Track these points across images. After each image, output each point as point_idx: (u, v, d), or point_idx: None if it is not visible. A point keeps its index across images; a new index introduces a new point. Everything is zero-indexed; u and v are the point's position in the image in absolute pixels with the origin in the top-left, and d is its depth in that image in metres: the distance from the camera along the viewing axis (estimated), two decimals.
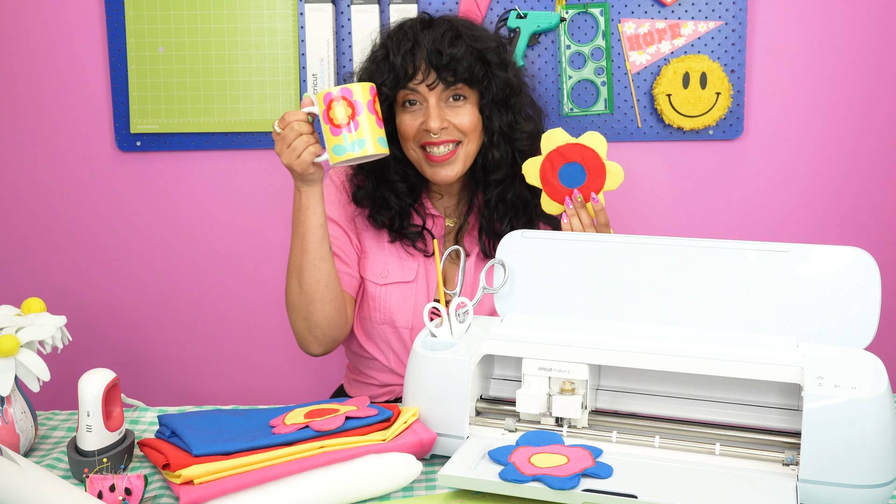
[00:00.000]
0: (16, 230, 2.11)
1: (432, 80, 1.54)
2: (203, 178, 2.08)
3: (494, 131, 1.60)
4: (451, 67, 1.54)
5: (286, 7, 1.99)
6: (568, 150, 1.52)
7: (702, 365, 1.18)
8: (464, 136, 1.57)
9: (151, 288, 2.12)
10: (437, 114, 1.55)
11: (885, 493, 1.07)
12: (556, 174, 1.52)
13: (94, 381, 1.20)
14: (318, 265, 1.51)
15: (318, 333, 1.57)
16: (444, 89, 1.56)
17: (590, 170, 1.52)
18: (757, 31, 2.01)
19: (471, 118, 1.58)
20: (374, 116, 1.36)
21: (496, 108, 1.60)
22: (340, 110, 1.34)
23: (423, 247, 1.64)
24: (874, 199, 2.08)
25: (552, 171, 1.53)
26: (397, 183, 1.62)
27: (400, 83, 1.56)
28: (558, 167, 1.52)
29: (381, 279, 1.63)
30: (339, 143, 1.35)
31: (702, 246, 1.30)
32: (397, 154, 1.60)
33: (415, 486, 1.16)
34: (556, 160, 1.52)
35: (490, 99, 1.59)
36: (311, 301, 1.53)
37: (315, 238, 1.49)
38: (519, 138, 1.62)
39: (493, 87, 1.59)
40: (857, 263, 1.22)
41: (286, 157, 1.40)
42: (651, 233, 2.03)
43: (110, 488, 1.08)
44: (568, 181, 1.53)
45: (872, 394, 1.06)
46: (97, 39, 2.03)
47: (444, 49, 1.53)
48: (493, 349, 1.26)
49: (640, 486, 1.08)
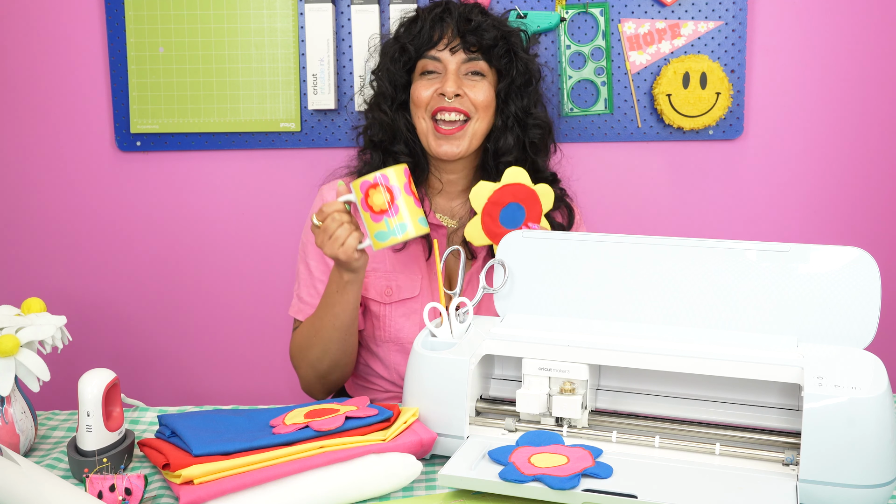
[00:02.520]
0: (16, 230, 2.11)
1: (456, 45, 1.57)
2: (203, 178, 2.08)
3: (510, 115, 1.61)
4: (478, 35, 1.57)
5: (286, 7, 1.99)
6: (499, 195, 1.54)
7: (702, 365, 1.18)
8: (475, 111, 1.58)
9: (151, 288, 2.12)
10: (455, 80, 1.57)
11: (885, 493, 1.07)
12: (498, 223, 1.54)
13: (94, 381, 1.20)
14: (348, 339, 1.54)
15: (329, 385, 1.61)
16: (466, 60, 1.58)
17: (525, 203, 1.54)
18: (757, 31, 2.01)
19: (485, 95, 1.58)
20: (412, 198, 1.38)
21: (513, 92, 1.61)
22: (379, 197, 1.35)
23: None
24: (874, 199, 2.08)
25: (494, 221, 1.54)
26: (402, 156, 1.62)
27: (424, 47, 1.58)
28: (497, 215, 1.54)
29: (385, 298, 1.61)
30: (381, 230, 1.36)
31: (702, 246, 1.30)
32: (409, 124, 1.62)
33: (415, 486, 1.17)
34: (494, 210, 1.54)
35: (508, 82, 1.60)
36: (333, 365, 1.57)
37: (350, 318, 1.50)
38: (532, 125, 1.62)
39: (513, 70, 1.61)
40: (857, 263, 1.22)
41: (329, 247, 1.39)
42: (651, 233, 2.03)
43: (110, 488, 1.08)
44: (511, 223, 1.55)
45: (872, 394, 1.07)
46: (97, 39, 2.03)
47: (473, 17, 1.58)
48: (493, 349, 1.26)
49: (640, 486, 1.08)
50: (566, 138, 2.03)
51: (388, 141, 1.63)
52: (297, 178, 2.06)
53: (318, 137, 2.03)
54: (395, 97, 1.62)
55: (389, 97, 1.63)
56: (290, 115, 2.02)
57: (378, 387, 1.69)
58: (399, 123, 1.61)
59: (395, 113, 1.62)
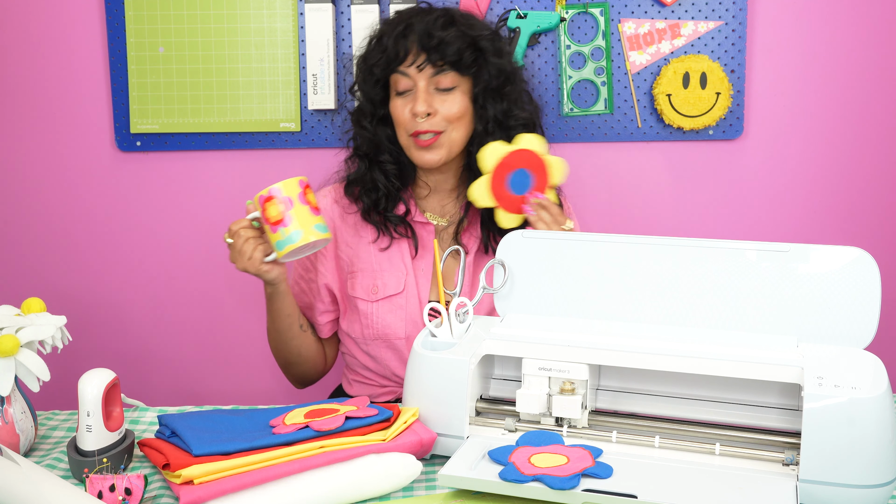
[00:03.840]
0: (16, 230, 2.11)
1: (421, 62, 1.56)
2: (203, 178, 2.08)
3: (489, 119, 1.60)
4: (441, 50, 1.55)
5: (286, 7, 1.99)
6: (511, 159, 1.54)
7: (702, 365, 1.18)
8: (448, 125, 1.58)
9: (151, 288, 2.12)
10: (425, 98, 1.56)
11: (885, 493, 1.07)
12: (505, 186, 1.55)
13: (94, 381, 1.20)
14: (292, 343, 1.67)
15: (297, 377, 1.76)
16: (434, 74, 1.56)
17: (535, 171, 1.55)
18: (757, 31, 2.01)
19: (459, 107, 1.58)
20: (307, 206, 1.44)
21: (490, 96, 1.60)
22: (274, 208, 1.43)
23: (404, 231, 1.65)
24: (874, 200, 2.08)
25: (502, 184, 1.54)
26: (388, 164, 1.64)
27: (391, 65, 1.58)
28: (505, 178, 1.54)
29: (371, 296, 1.63)
30: (279, 239, 1.44)
31: (702, 246, 1.30)
32: (391, 136, 1.64)
33: (415, 486, 1.16)
34: (503, 172, 1.54)
35: (483, 87, 1.59)
36: (287, 363, 1.72)
37: (284, 325, 1.63)
38: (514, 126, 1.61)
39: (484, 74, 1.59)
40: (857, 263, 1.22)
41: (239, 263, 1.49)
42: (651, 233, 2.03)
43: (110, 488, 1.08)
44: (519, 189, 1.55)
45: (872, 394, 1.06)
46: (97, 39, 2.03)
47: (434, 32, 1.55)
48: (493, 349, 1.26)
49: (640, 486, 1.08)
50: (566, 138, 2.03)
51: (372, 153, 1.65)
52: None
53: (318, 137, 2.03)
54: (375, 113, 1.64)
55: (369, 114, 1.65)
56: (290, 115, 2.02)
57: (373, 382, 1.71)
58: (380, 137, 1.64)
59: (375, 127, 1.64)
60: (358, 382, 1.74)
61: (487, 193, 1.55)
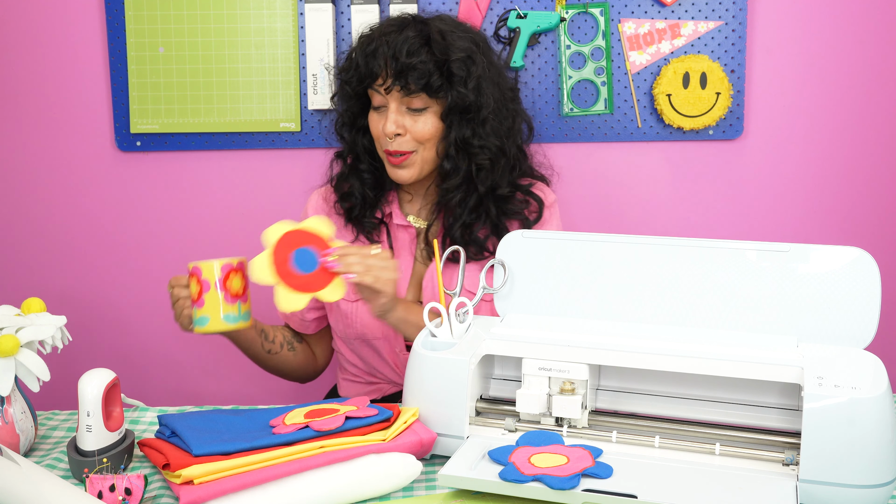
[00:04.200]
0: (16, 230, 2.11)
1: (389, 85, 1.55)
2: (203, 178, 2.08)
3: (451, 142, 1.58)
4: (405, 76, 1.53)
5: (286, 7, 1.99)
6: (294, 237, 1.41)
7: (702, 365, 1.18)
8: (419, 146, 1.57)
9: (151, 288, 2.12)
10: (395, 119, 1.55)
11: (885, 493, 1.07)
12: (291, 265, 1.42)
13: (94, 381, 1.20)
14: (266, 364, 1.71)
15: (291, 381, 1.80)
16: (404, 95, 1.55)
17: (312, 243, 1.42)
18: (757, 31, 2.01)
19: (429, 127, 1.57)
20: (223, 294, 1.39)
21: (456, 120, 1.57)
22: (193, 286, 1.40)
23: (377, 239, 1.66)
24: (874, 200, 2.08)
25: (286, 262, 1.41)
26: (365, 174, 1.65)
27: (364, 83, 1.58)
28: (290, 257, 1.42)
29: (351, 296, 1.62)
30: (195, 316, 1.41)
31: (702, 246, 1.30)
32: (370, 146, 1.65)
33: (415, 486, 1.16)
34: (286, 250, 1.41)
35: (448, 110, 1.57)
36: (268, 371, 1.75)
37: (250, 354, 1.68)
38: (475, 153, 1.58)
39: (453, 99, 1.56)
40: (857, 263, 1.22)
41: (174, 315, 1.50)
42: (651, 233, 2.03)
43: (110, 488, 1.08)
44: (305, 267, 1.42)
45: (872, 394, 1.06)
46: (97, 39, 2.03)
47: (401, 57, 1.52)
48: (493, 349, 1.26)
49: (640, 486, 1.08)
50: (566, 138, 2.03)
51: (353, 159, 1.67)
52: (296, 178, 2.06)
53: (318, 137, 2.03)
54: (354, 123, 1.65)
55: (348, 124, 1.66)
56: (290, 115, 2.02)
57: (360, 379, 1.73)
58: (359, 147, 1.65)
59: (354, 136, 1.65)
60: (347, 381, 1.76)
61: (270, 271, 1.41)
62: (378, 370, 1.69)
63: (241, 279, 1.41)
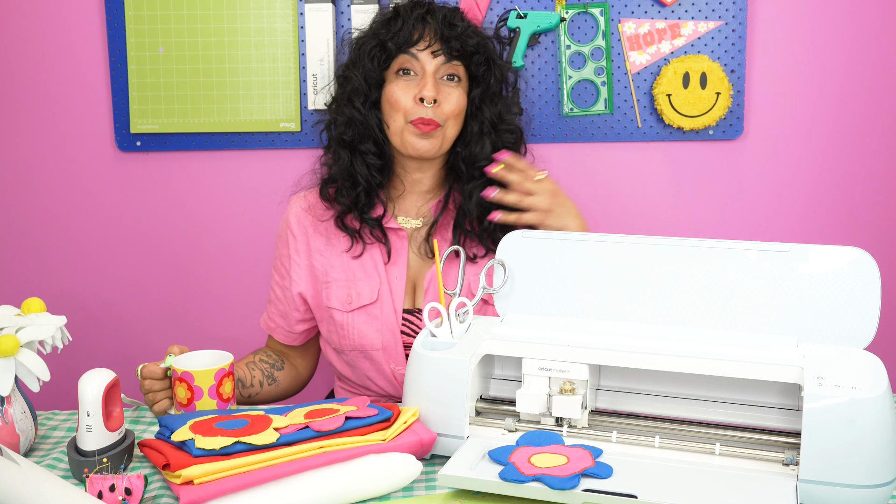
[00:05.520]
0: (16, 230, 2.11)
1: (437, 49, 1.55)
2: (203, 178, 2.08)
3: (485, 120, 1.59)
4: (461, 40, 1.55)
5: (286, 7, 1.99)
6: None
7: (702, 365, 1.18)
8: (446, 120, 1.56)
9: (151, 288, 2.12)
10: (433, 84, 1.54)
11: (885, 493, 1.07)
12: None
13: (94, 381, 1.20)
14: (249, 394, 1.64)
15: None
16: (445, 62, 1.55)
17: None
18: (757, 31, 2.01)
19: (458, 103, 1.57)
20: (217, 400, 1.33)
21: (488, 99, 1.60)
22: (183, 391, 1.33)
23: (379, 235, 1.60)
24: (874, 199, 2.08)
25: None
26: (370, 155, 1.59)
27: (404, 46, 1.55)
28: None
29: (346, 306, 1.59)
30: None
31: (702, 246, 1.30)
32: (380, 123, 1.59)
33: (415, 486, 1.16)
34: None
35: (484, 88, 1.59)
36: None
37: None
38: (505, 130, 1.61)
39: (490, 77, 1.59)
40: (857, 263, 1.22)
41: (146, 401, 1.44)
42: (651, 233, 2.03)
43: (110, 488, 1.08)
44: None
45: (872, 394, 1.07)
46: (97, 39, 2.03)
47: (456, 22, 1.56)
48: (493, 349, 1.26)
49: (640, 486, 1.08)
50: (566, 138, 2.03)
51: (357, 139, 1.60)
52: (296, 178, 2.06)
53: (318, 137, 2.03)
54: (369, 94, 1.59)
55: (363, 94, 1.59)
56: (290, 115, 2.02)
57: (356, 392, 1.69)
58: (371, 121, 1.58)
59: (367, 111, 1.59)
60: (345, 390, 1.72)
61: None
62: (373, 382, 1.63)
63: (232, 381, 1.36)
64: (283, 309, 1.68)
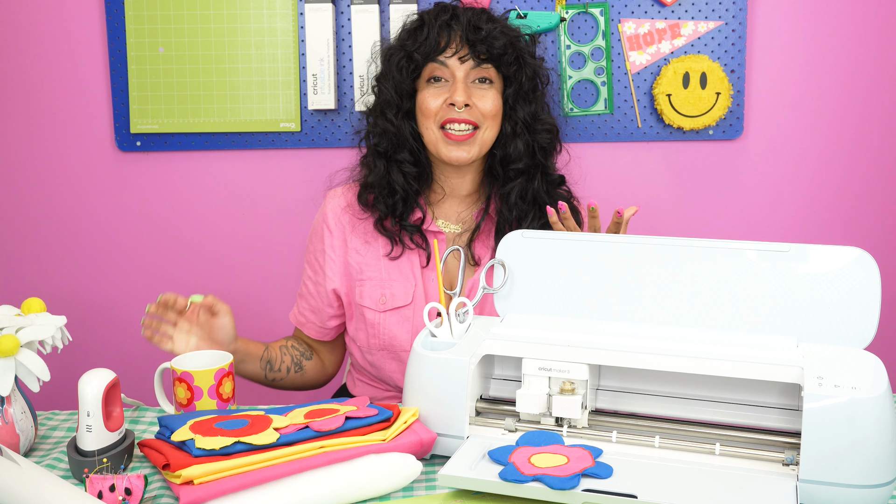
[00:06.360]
0: (16, 230, 2.11)
1: (465, 54, 1.54)
2: (203, 178, 2.08)
3: (518, 121, 1.59)
4: (487, 43, 1.54)
5: (286, 7, 1.99)
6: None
7: (702, 365, 1.18)
8: (483, 120, 1.56)
9: (151, 288, 2.12)
10: (464, 89, 1.54)
11: (885, 493, 1.07)
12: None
13: (94, 381, 1.20)
14: (273, 386, 1.70)
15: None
16: (474, 66, 1.55)
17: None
18: (757, 31, 2.01)
19: (493, 104, 1.56)
20: (217, 400, 1.32)
21: (521, 98, 1.60)
22: (182, 391, 1.32)
23: (420, 241, 1.61)
24: (874, 199, 2.08)
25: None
26: (406, 164, 1.60)
27: (431, 54, 1.55)
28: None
29: (380, 306, 1.60)
30: None
31: (702, 246, 1.30)
32: (415, 132, 1.60)
33: (415, 486, 1.16)
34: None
35: (516, 88, 1.59)
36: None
37: (247, 373, 1.65)
38: (541, 130, 1.61)
39: (521, 76, 1.59)
40: (857, 263, 1.22)
41: (145, 333, 1.54)
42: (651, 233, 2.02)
43: (110, 488, 1.08)
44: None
45: (872, 394, 1.06)
46: (97, 39, 2.03)
47: (482, 25, 1.55)
48: (493, 349, 1.26)
49: (640, 486, 1.08)
50: (566, 138, 2.02)
51: (392, 149, 1.61)
52: (297, 178, 2.06)
53: (318, 137, 2.03)
54: (401, 105, 1.59)
55: (395, 105, 1.60)
56: (290, 115, 2.02)
57: (379, 385, 1.70)
58: (405, 132, 1.59)
59: (400, 121, 1.59)
60: (362, 382, 1.73)
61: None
62: (394, 380, 1.64)
63: (232, 380, 1.35)
64: (315, 305, 1.68)
